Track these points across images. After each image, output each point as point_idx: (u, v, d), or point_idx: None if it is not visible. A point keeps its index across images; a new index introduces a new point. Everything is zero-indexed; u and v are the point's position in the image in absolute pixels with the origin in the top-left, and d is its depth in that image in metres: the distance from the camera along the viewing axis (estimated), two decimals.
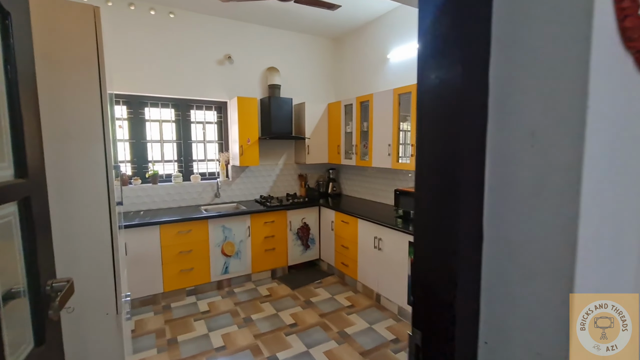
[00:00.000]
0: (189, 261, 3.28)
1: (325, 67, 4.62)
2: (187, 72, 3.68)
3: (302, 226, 3.94)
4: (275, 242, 3.78)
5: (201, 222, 3.31)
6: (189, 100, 3.87)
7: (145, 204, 3.57)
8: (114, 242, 1.46)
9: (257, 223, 3.64)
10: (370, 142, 3.55)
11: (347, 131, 3.97)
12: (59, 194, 1.34)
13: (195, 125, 3.98)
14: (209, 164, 4.12)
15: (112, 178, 1.46)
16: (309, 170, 4.61)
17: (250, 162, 3.82)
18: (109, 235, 1.45)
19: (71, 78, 1.37)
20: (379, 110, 3.40)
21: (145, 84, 3.49)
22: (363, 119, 3.73)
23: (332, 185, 4.56)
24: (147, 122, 3.70)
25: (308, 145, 4.17)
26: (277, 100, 3.97)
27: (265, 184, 4.31)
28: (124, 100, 3.54)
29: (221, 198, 4.00)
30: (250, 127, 3.79)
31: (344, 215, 3.52)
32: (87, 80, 1.39)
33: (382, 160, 3.39)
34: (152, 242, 3.09)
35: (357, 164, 3.80)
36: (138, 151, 3.66)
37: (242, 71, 4.01)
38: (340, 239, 3.64)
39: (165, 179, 3.81)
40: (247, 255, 3.61)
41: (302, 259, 4.01)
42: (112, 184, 1.45)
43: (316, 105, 4.23)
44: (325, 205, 3.93)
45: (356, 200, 4.17)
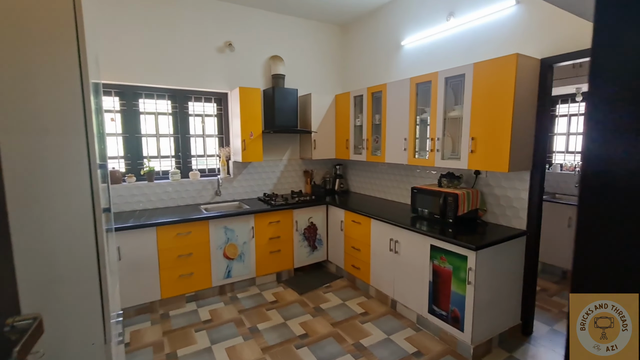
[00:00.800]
0: (188, 265, 3.03)
1: (332, 56, 4.34)
2: (184, 61, 3.40)
3: (309, 226, 3.70)
4: (281, 243, 3.54)
5: (201, 222, 3.06)
6: (186, 91, 3.58)
7: (141, 204, 3.31)
8: (100, 257, 1.20)
9: (262, 223, 3.39)
10: (383, 136, 3.30)
11: (357, 124, 3.71)
12: (32, 200, 1.08)
13: (194, 118, 3.71)
14: (208, 160, 3.85)
15: (97, 179, 1.20)
16: (315, 166, 4.35)
17: (253, 157, 3.56)
18: (93, 249, 1.19)
19: (45, 59, 1.10)
20: (393, 101, 3.14)
21: (139, 73, 3.21)
22: (375, 111, 3.47)
23: (340, 182, 4.31)
24: (142, 115, 3.42)
25: (314, 140, 3.91)
26: (281, 91, 3.69)
27: (268, 181, 4.05)
28: (116, 91, 3.25)
29: (222, 196, 3.74)
30: (253, 120, 3.52)
31: (355, 214, 3.28)
32: (64, 61, 1.13)
33: (397, 155, 3.14)
34: (149, 245, 2.84)
35: (368, 159, 3.55)
36: (132, 146, 3.38)
37: (243, 60, 3.72)
38: (351, 240, 3.40)
39: (162, 176, 3.54)
40: (251, 257, 3.36)
41: (309, 261, 3.77)
42: (97, 187, 1.19)
43: (323, 97, 3.96)
44: (333, 204, 3.68)
45: (366, 198, 3.92)
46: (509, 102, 2.19)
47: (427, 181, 3.25)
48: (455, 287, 2.31)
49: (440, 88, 2.66)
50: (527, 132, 2.32)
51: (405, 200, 3.51)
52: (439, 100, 2.68)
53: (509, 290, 2.44)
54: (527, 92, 2.26)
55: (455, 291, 2.31)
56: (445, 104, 2.66)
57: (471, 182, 2.82)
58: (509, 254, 2.39)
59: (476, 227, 2.59)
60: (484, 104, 2.35)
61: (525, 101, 2.25)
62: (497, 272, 2.31)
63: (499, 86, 2.24)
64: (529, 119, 2.32)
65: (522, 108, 2.23)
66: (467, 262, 2.20)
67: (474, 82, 2.40)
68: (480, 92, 2.36)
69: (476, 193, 2.68)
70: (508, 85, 2.19)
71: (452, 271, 2.33)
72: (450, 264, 2.33)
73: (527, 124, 2.31)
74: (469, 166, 2.49)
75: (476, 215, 2.71)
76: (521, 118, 2.25)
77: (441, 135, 2.69)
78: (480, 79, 2.35)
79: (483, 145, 2.38)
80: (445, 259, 2.37)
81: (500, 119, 2.25)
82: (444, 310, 2.41)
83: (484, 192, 2.74)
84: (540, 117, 2.35)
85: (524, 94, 2.23)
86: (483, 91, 2.34)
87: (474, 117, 2.42)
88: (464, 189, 2.68)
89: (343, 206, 3.51)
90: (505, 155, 2.24)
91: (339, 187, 4.30)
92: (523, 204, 2.47)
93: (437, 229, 2.53)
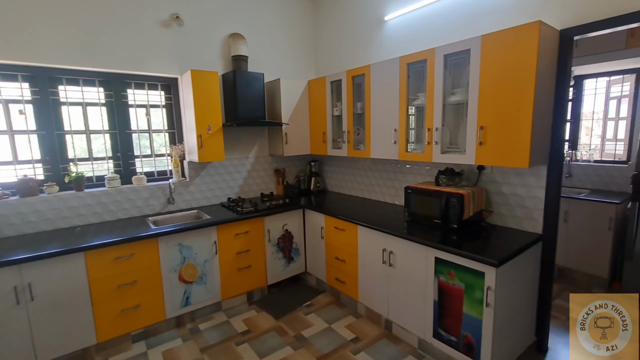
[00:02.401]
0: (133, 296, 2.39)
1: (303, 36, 3.78)
2: (119, 37, 2.68)
3: (283, 234, 3.16)
4: (251, 257, 2.97)
5: (148, 241, 2.41)
6: (124, 76, 2.87)
7: (66, 220, 2.58)
8: None
9: (226, 236, 2.80)
10: (367, 127, 2.82)
11: (335, 114, 3.20)
12: None
13: (135, 110, 3.00)
14: (157, 161, 3.17)
15: None
16: (287, 163, 3.80)
17: (212, 156, 2.94)
18: None
19: None
20: (379, 85, 2.67)
21: (56, 51, 2.45)
22: (356, 98, 2.98)
23: (316, 181, 3.81)
24: (64, 106, 2.67)
25: (286, 133, 3.36)
26: (244, 75, 3.08)
27: (233, 183, 3.44)
28: (25, 75, 2.48)
29: (176, 204, 3.09)
30: (211, 110, 2.89)
31: (338, 220, 2.79)
32: None
33: (385, 149, 2.68)
34: (75, 276, 2.16)
35: (350, 154, 3.06)
36: (52, 147, 2.63)
37: (196, 37, 3.06)
38: (334, 249, 2.91)
39: (97, 183, 2.82)
40: (215, 278, 2.77)
41: (285, 275, 3.24)
42: None
43: (294, 83, 3.40)
44: (310, 207, 3.17)
45: (347, 198, 3.45)
46: (529, 83, 1.79)
47: (419, 178, 2.83)
48: (469, 309, 1.90)
49: (438, 68, 2.21)
50: (545, 119, 1.94)
51: (393, 200, 3.08)
52: (436, 82, 2.24)
53: (525, 305, 2.09)
54: (545, 70, 1.87)
55: (468, 314, 1.91)
56: (445, 87, 2.22)
57: (473, 178, 2.43)
58: (526, 263, 2.02)
59: (484, 233, 2.20)
60: (495, 85, 1.93)
61: (543, 81, 1.86)
62: (514, 287, 1.94)
63: (516, 63, 1.83)
64: (548, 103, 1.95)
65: (541, 90, 1.84)
66: (484, 279, 1.80)
67: (482, 59, 1.97)
68: (490, 72, 1.94)
69: (481, 192, 2.29)
70: (528, 61, 1.78)
71: (464, 290, 1.92)
72: (462, 281, 1.92)
73: (545, 109, 1.93)
74: (476, 161, 2.08)
75: (481, 218, 2.33)
76: (540, 102, 1.86)
77: (440, 125, 2.26)
78: (491, 55, 1.93)
79: (495, 135, 1.97)
80: (455, 275, 1.95)
81: (517, 104, 1.84)
82: (454, 335, 2.01)
83: (488, 191, 2.36)
84: (559, 101, 1.97)
85: (543, 72, 1.84)
86: (494, 70, 1.93)
87: (483, 102, 2.00)
88: (467, 187, 2.28)
89: (322, 210, 3.01)
90: (524, 147, 1.84)
91: (315, 186, 3.79)
92: (537, 204, 2.11)
93: (440, 237, 2.10)
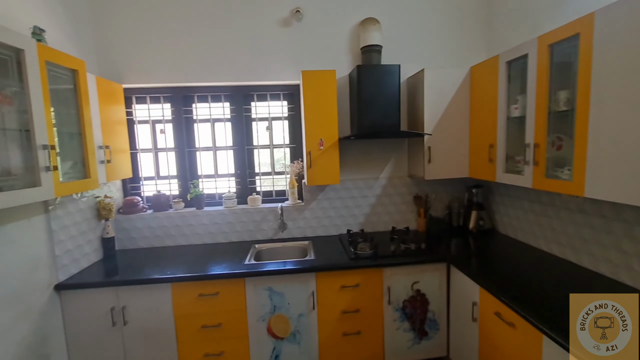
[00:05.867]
0: (218, 341, 2.05)
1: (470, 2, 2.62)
2: (240, 47, 2.47)
3: (412, 296, 2.16)
4: (362, 321, 2.14)
5: (233, 280, 2.02)
6: (246, 88, 2.66)
7: (185, 238, 2.57)
8: None
9: (329, 287, 2.09)
10: (580, 137, 1.45)
11: (513, 115, 1.92)
12: None
13: (257, 124, 2.75)
14: (276, 179, 2.83)
15: None
16: (434, 187, 2.72)
17: (323, 178, 2.30)
18: None
19: None
20: (613, 56, 1.28)
21: (187, 68, 2.47)
22: (556, 83, 1.63)
23: (477, 216, 2.54)
24: (195, 124, 2.70)
25: (429, 147, 2.33)
26: (371, 71, 2.29)
27: (357, 210, 2.70)
28: (166, 96, 2.62)
29: (289, 231, 2.65)
30: (325, 119, 2.26)
31: (505, 307, 1.55)
32: None
33: (626, 185, 1.26)
34: (163, 308, 2.00)
35: (538, 185, 1.72)
36: (182, 164, 2.69)
37: (318, 31, 2.52)
38: (494, 349, 1.68)
39: (219, 201, 2.73)
40: (312, 339, 2.11)
41: (414, 355, 2.21)
42: None
43: (446, 73, 2.32)
44: (460, 265, 2.01)
45: (532, 254, 2.05)
46: None
47: None
48: None
49: None
50: None
51: (635, 280, 1.52)
52: None
53: None
54: None
55: None
56: None
57: None
58: None
59: None
60: None
61: None
62: None
63: None
64: None
65: None
66: None
67: None
68: None
69: None
70: None
71: None
72: None
73: None
74: None
75: None
76: None
77: None
78: None
79: None
80: None
81: None
82: None
83: None
84: None
85: None
86: None
87: None
88: None
89: (478, 274, 1.82)
90: None
91: (476, 224, 2.53)
92: None
93: None
